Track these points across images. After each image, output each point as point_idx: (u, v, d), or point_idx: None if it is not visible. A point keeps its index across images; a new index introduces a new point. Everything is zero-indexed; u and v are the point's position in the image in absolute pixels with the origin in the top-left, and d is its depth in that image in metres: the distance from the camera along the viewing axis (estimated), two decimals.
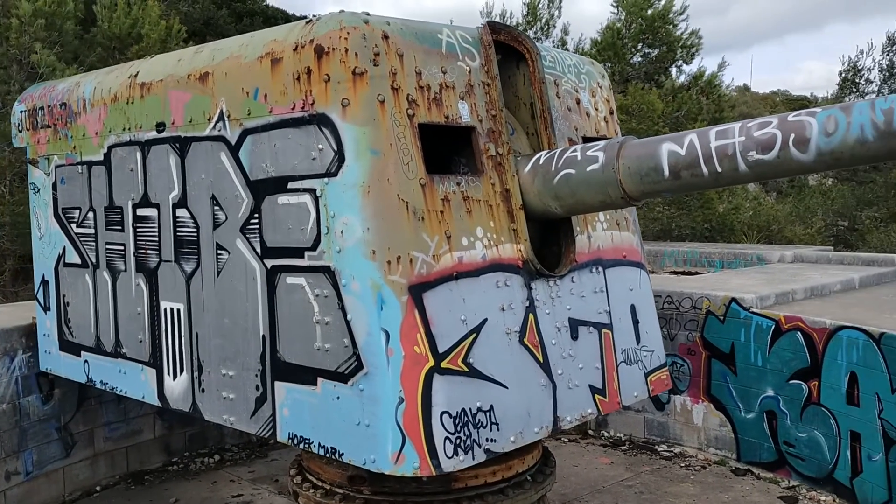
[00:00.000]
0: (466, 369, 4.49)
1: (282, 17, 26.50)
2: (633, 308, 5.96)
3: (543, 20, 16.90)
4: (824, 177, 28.52)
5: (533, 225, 5.33)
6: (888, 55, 23.87)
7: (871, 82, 24.08)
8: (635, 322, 5.95)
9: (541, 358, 4.99)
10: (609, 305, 5.71)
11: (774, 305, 8.61)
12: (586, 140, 5.65)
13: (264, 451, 9.24)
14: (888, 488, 7.08)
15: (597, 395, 5.45)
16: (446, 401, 4.35)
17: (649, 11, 16.90)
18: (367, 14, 4.63)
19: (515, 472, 5.35)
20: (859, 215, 23.69)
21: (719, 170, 4.23)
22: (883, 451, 7.13)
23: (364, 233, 4.35)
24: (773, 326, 8.22)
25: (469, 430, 4.43)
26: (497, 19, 17.19)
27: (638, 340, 5.94)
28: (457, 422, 4.39)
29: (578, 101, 5.95)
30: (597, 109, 6.07)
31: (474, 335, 4.57)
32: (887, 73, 23.81)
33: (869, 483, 7.30)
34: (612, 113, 6.30)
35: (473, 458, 4.44)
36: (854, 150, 3.81)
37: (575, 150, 4.83)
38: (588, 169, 4.69)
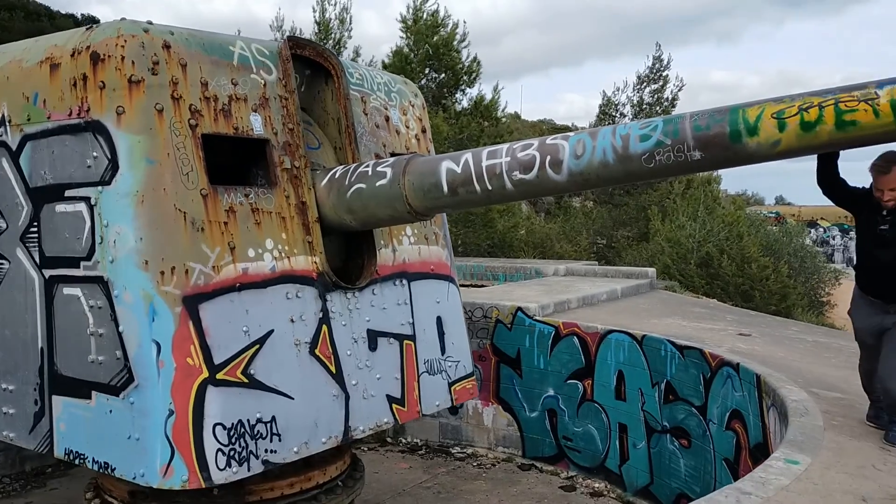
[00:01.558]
0: (246, 381, 4.49)
1: (45, 14, 24.33)
2: (439, 320, 6.17)
3: (335, 39, 17.11)
4: (586, 199, 31.47)
5: (338, 238, 5.43)
6: (638, 92, 27.00)
7: (625, 116, 27.05)
8: (441, 333, 6.15)
9: (333, 369, 5.08)
10: (413, 317, 5.89)
11: (553, 313, 9.40)
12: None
13: (42, 481, 8.36)
14: (650, 472, 8.00)
15: (394, 405, 5.60)
16: (220, 412, 4.34)
17: (435, 38, 17.75)
18: (150, 23, 4.56)
19: (316, 484, 5.35)
20: (615, 234, 26.42)
21: (490, 187, 4.45)
22: (645, 440, 8.06)
23: (137, 242, 4.28)
24: (554, 332, 8.97)
25: (245, 441, 4.43)
26: (287, 34, 17.15)
27: (443, 351, 6.15)
28: (231, 433, 4.38)
29: (388, 119, 6.12)
30: (408, 127, 6.30)
31: (257, 346, 4.59)
32: (637, 109, 26.89)
33: (634, 468, 8.20)
34: (424, 131, 6.54)
35: (249, 470, 4.44)
36: (599, 172, 4.09)
37: (367, 166, 4.99)
38: (377, 184, 4.86)
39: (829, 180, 4.81)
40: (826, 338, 10.12)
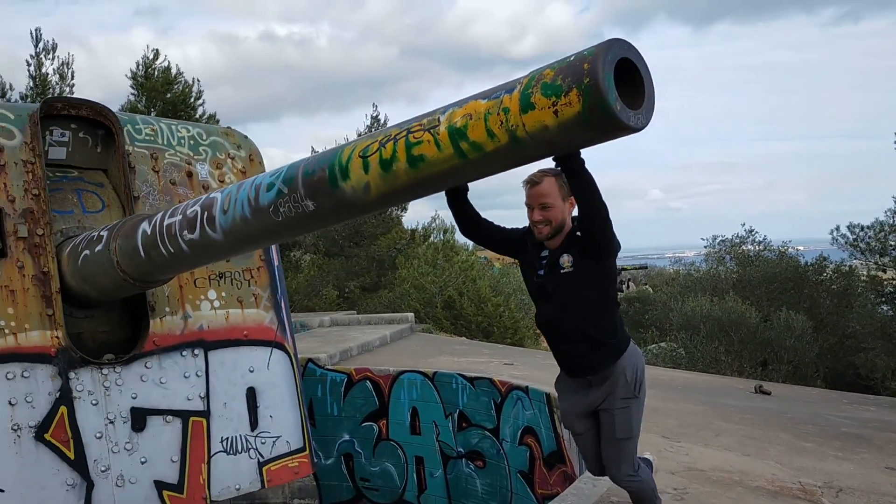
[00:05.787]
0: None
1: None
2: (251, 391, 5.61)
3: (55, 95, 15.90)
4: (305, 252, 32.07)
5: (118, 307, 5.14)
6: None
7: None
8: (253, 407, 5.60)
9: (71, 454, 4.66)
10: (208, 390, 5.38)
11: (340, 361, 9.90)
12: None
13: None
14: (448, 496, 8.80)
15: (167, 492, 5.07)
16: None
17: (168, 95, 17.38)
18: None
19: None
20: (349, 285, 27.38)
21: (171, 249, 3.89)
22: (442, 468, 8.86)
23: None
24: (346, 379, 9.46)
25: None
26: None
27: (254, 427, 5.58)
28: None
29: (190, 174, 5.80)
30: (222, 182, 5.96)
31: None
32: None
33: (432, 496, 8.94)
34: None
35: None
36: (244, 229, 3.51)
37: (99, 230, 4.65)
38: (96, 250, 4.48)
39: (470, 225, 4.01)
40: None
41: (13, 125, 4.83)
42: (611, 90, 2.26)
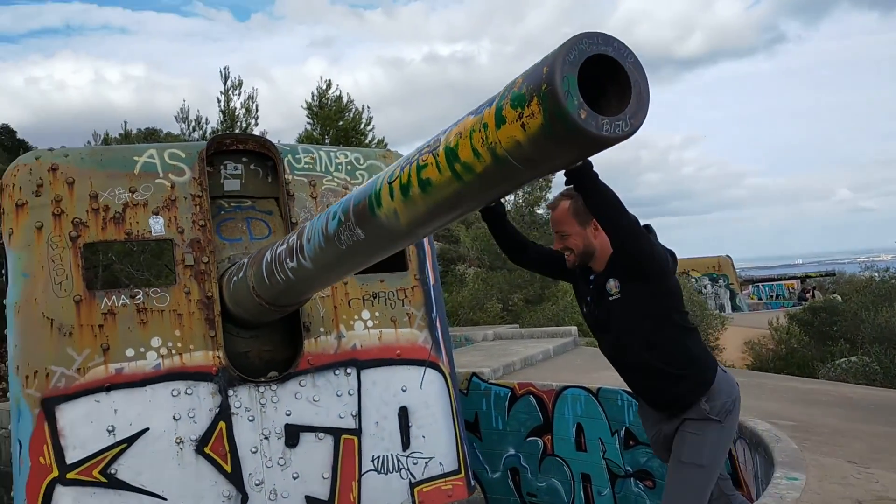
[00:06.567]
0: (105, 480, 4.58)
1: None
2: (403, 410, 5.68)
3: (241, 128, 17.39)
4: (470, 265, 32.52)
5: (279, 327, 5.42)
6: None
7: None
8: (405, 426, 5.65)
9: (228, 468, 4.95)
10: (360, 409, 5.49)
11: (504, 376, 9.98)
12: None
13: None
14: None
15: None
16: None
17: (340, 123, 18.45)
18: (52, 150, 5.00)
19: None
20: (512, 297, 27.45)
21: (283, 276, 3.99)
22: (609, 486, 8.68)
23: (14, 349, 4.68)
24: (510, 393, 9.53)
25: None
26: (191, 125, 17.20)
27: (406, 446, 5.63)
28: None
29: None
30: None
31: (125, 445, 4.68)
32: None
33: None
34: None
35: None
36: (323, 256, 3.52)
37: (247, 256, 4.93)
38: (239, 276, 4.79)
39: (515, 249, 3.72)
40: (744, 378, 11.26)
41: (184, 163, 5.32)
42: (571, 96, 1.95)
